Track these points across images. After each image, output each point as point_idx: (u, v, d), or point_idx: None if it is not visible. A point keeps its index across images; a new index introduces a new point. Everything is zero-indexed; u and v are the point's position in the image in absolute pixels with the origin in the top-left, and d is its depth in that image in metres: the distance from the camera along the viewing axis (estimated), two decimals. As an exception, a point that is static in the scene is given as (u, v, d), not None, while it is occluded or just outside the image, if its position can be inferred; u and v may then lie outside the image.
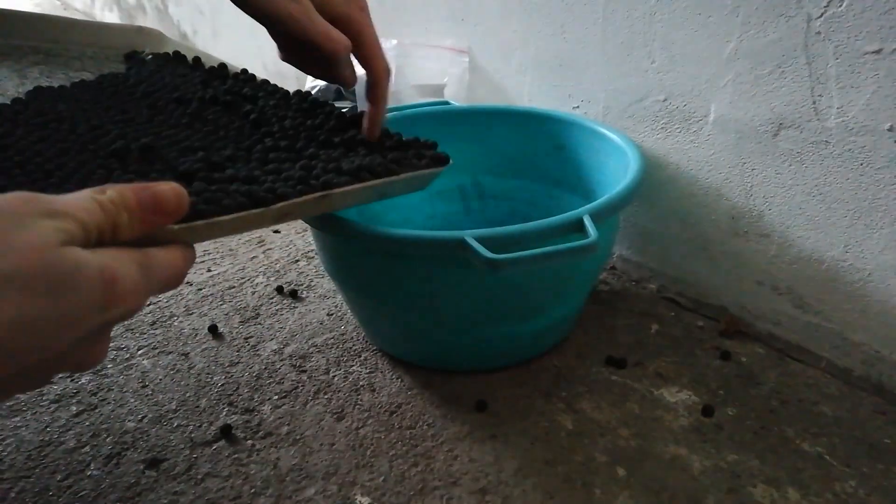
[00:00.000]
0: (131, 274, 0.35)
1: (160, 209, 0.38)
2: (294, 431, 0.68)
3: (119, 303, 0.35)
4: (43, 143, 0.52)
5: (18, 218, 0.31)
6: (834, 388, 0.71)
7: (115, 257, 0.35)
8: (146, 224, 0.38)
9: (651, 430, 0.66)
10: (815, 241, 0.70)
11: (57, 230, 0.32)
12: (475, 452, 0.64)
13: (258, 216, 0.47)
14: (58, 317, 0.32)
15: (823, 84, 0.64)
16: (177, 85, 0.65)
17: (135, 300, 0.36)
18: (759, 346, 0.78)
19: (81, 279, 0.32)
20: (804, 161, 0.68)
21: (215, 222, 0.44)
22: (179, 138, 0.56)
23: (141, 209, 0.37)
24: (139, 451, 0.67)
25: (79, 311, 0.33)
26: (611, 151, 0.80)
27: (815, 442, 0.64)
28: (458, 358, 0.75)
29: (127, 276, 0.35)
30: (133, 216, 0.37)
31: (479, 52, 1.04)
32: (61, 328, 0.32)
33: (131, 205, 0.37)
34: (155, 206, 0.38)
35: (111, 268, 0.34)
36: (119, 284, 0.34)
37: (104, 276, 0.33)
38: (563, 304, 0.73)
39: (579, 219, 0.59)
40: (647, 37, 0.78)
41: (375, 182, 0.56)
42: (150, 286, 0.37)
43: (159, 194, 0.38)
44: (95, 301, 0.33)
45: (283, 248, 1.06)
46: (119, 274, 0.34)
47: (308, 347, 0.81)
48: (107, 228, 0.36)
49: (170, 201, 0.38)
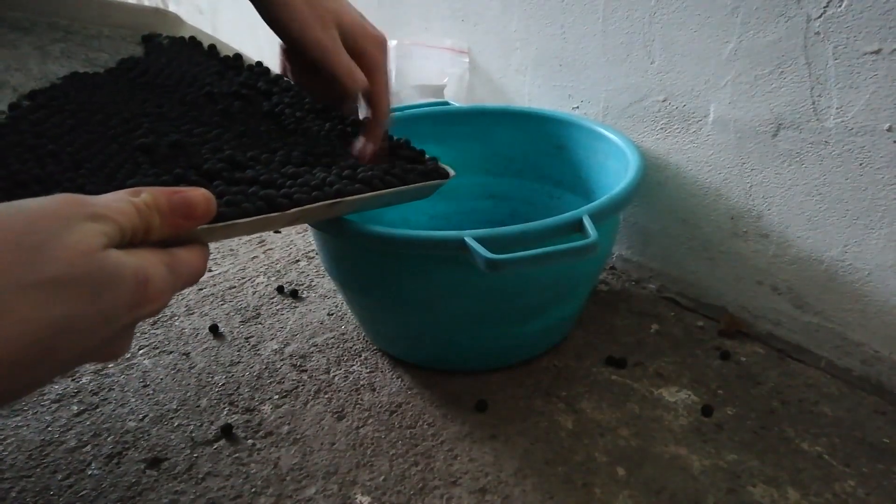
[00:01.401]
0: (161, 274, 0.37)
1: (191, 214, 0.40)
2: (294, 431, 0.68)
3: (150, 302, 0.37)
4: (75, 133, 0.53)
5: (66, 221, 0.33)
6: (834, 387, 0.71)
7: (147, 259, 0.37)
8: (175, 227, 0.40)
9: (651, 430, 0.66)
10: (814, 241, 0.70)
11: (100, 233, 0.34)
12: (475, 452, 0.64)
13: (273, 220, 0.49)
14: (97, 316, 0.34)
15: (823, 84, 0.64)
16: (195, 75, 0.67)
17: (163, 299, 0.38)
18: (758, 346, 0.78)
19: (120, 281, 0.34)
20: (804, 161, 0.68)
21: (233, 224, 0.46)
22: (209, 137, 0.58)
23: (172, 213, 0.39)
24: (140, 451, 0.67)
25: (115, 311, 0.35)
26: (610, 152, 0.80)
27: (814, 442, 0.64)
28: (458, 358, 0.75)
29: (157, 276, 0.37)
30: (164, 219, 0.39)
31: (479, 52, 1.04)
32: (98, 326, 0.34)
33: (164, 209, 0.39)
34: (186, 211, 0.40)
35: (144, 269, 0.36)
36: (151, 285, 0.36)
37: (138, 278, 0.35)
38: (563, 304, 0.73)
39: (579, 219, 0.59)
40: (646, 37, 0.78)
41: (385, 192, 0.59)
42: (175, 285, 0.39)
43: (191, 200, 0.40)
44: (130, 300, 0.35)
45: (284, 248, 1.06)
46: (151, 275, 0.36)
47: (308, 347, 0.81)
48: (140, 230, 0.37)
49: (199, 207, 0.40)
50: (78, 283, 0.32)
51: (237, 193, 0.49)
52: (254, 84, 0.69)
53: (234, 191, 0.50)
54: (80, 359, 0.36)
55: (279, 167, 0.56)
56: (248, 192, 0.50)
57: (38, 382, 0.35)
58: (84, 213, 0.34)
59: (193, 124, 0.59)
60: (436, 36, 1.11)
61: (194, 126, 0.59)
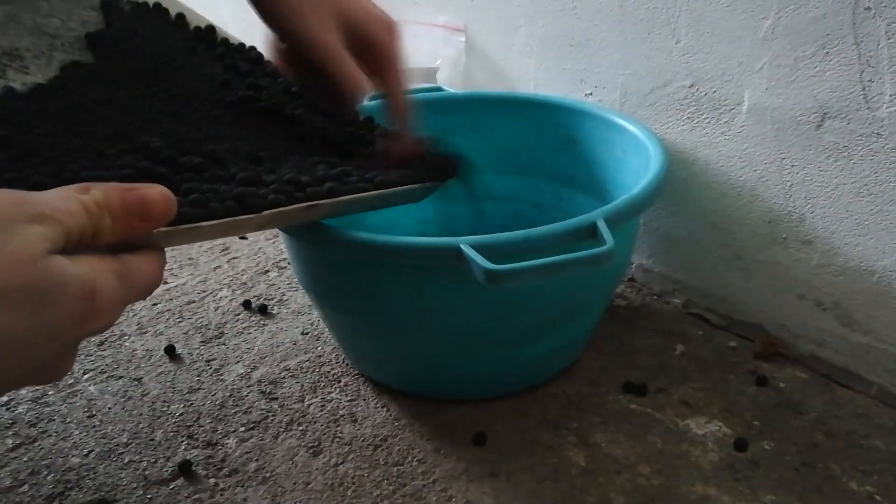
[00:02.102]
0: (111, 285, 0.37)
1: (147, 215, 0.39)
2: (263, 468, 0.68)
3: (98, 316, 0.36)
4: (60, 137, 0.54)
5: (5, 224, 0.32)
6: (887, 418, 0.71)
7: (95, 268, 0.36)
8: (129, 229, 0.39)
9: (676, 467, 0.66)
10: (864, 249, 0.70)
11: (43, 238, 0.33)
12: (472, 493, 0.64)
13: (243, 223, 0.49)
14: (38, 332, 0.33)
15: (874, 68, 0.64)
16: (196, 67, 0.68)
17: (113, 313, 0.37)
18: (800, 370, 0.78)
19: (64, 293, 0.34)
20: (852, 156, 0.68)
21: (198, 227, 0.45)
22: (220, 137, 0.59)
23: (126, 214, 0.38)
24: (85, 491, 0.66)
25: (58, 326, 0.34)
26: (629, 145, 0.80)
27: (865, 480, 0.64)
28: (452, 384, 0.75)
29: (107, 287, 0.36)
30: (117, 220, 0.38)
31: (478, 30, 1.04)
32: (40, 344, 0.34)
33: (116, 208, 0.38)
34: (141, 211, 0.39)
35: (92, 280, 0.35)
36: (99, 297, 0.36)
37: (84, 289, 0.35)
38: (574, 322, 0.73)
39: (593, 223, 0.59)
40: (670, 12, 0.78)
41: (368, 195, 0.59)
42: (127, 297, 0.39)
43: (147, 198, 0.39)
44: (75, 315, 0.35)
45: (251, 257, 1.06)
46: (99, 287, 0.36)
47: (280, 371, 0.81)
48: (88, 232, 0.37)
49: (157, 206, 0.40)
50: (18, 295, 0.32)
51: (207, 192, 0.49)
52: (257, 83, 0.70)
53: (204, 188, 0.49)
54: (16, 382, 0.36)
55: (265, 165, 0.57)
56: (220, 189, 0.50)
57: None
58: (25, 213, 0.33)
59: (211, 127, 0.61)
60: (427, 12, 1.11)
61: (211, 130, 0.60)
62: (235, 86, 0.68)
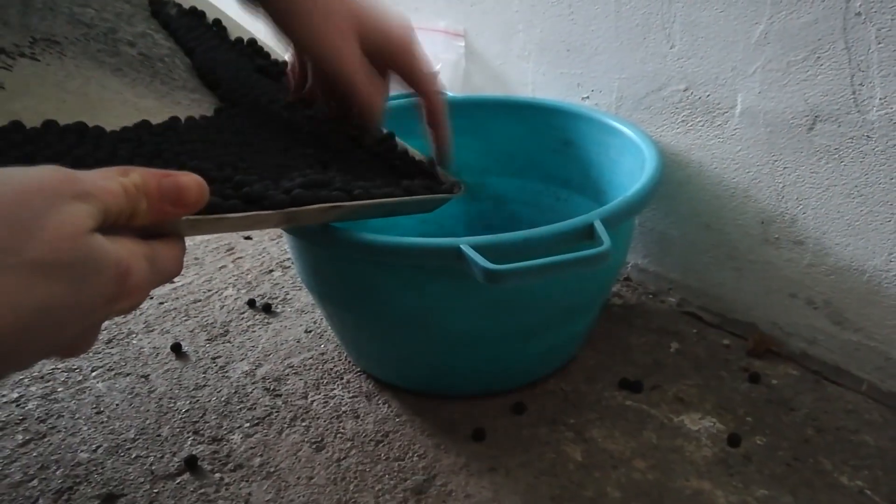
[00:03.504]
0: (142, 269, 0.38)
1: (181, 200, 0.40)
2: (268, 463, 0.68)
3: (128, 296, 0.37)
4: None
5: (52, 199, 0.33)
6: (877, 414, 0.71)
7: (129, 250, 0.37)
8: (162, 214, 0.40)
9: (670, 461, 0.66)
10: (855, 249, 0.70)
11: (87, 216, 0.34)
12: (472, 487, 0.64)
13: (264, 217, 0.50)
14: (75, 307, 0.34)
15: (864, 72, 0.64)
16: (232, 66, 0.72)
17: (141, 295, 0.39)
18: (792, 368, 0.78)
19: (102, 270, 0.35)
20: (843, 158, 0.68)
21: (221, 218, 0.46)
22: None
23: (161, 198, 0.39)
24: (93, 486, 0.66)
25: (94, 302, 0.35)
26: (625, 148, 0.80)
27: (855, 475, 0.64)
28: (452, 381, 0.75)
29: (138, 271, 0.37)
30: (152, 204, 0.39)
31: (477, 34, 1.04)
32: (75, 318, 0.35)
33: (153, 192, 0.39)
34: (176, 197, 0.40)
35: (126, 261, 0.36)
36: (130, 279, 0.37)
37: (119, 270, 0.36)
38: (571, 320, 0.73)
39: (589, 224, 0.59)
40: (665, 18, 0.78)
41: (386, 201, 0.61)
42: (153, 281, 0.40)
43: (182, 185, 0.40)
44: (108, 294, 0.36)
45: (256, 257, 1.06)
46: (132, 269, 0.37)
47: (283, 369, 0.81)
48: (125, 213, 0.38)
49: (191, 193, 0.41)
50: (61, 269, 0.33)
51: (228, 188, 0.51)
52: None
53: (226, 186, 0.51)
54: (47, 353, 0.36)
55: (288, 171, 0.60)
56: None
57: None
58: (72, 190, 0.34)
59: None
60: (428, 17, 1.11)
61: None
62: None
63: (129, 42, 0.65)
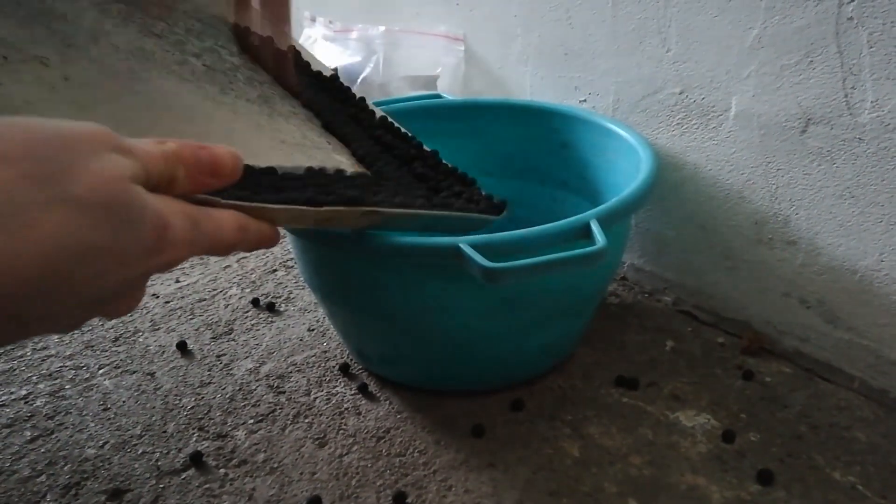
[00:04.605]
0: (181, 224, 0.38)
1: (216, 171, 0.41)
2: (271, 459, 0.68)
3: (166, 250, 0.38)
4: None
5: (94, 147, 0.34)
6: (868, 410, 0.71)
7: (168, 205, 0.38)
8: (199, 184, 0.41)
9: (666, 457, 0.66)
10: (847, 249, 0.70)
11: (127, 166, 0.35)
12: (471, 482, 0.64)
13: (301, 213, 0.51)
14: (115, 251, 0.35)
15: (856, 75, 0.64)
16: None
17: (179, 251, 0.39)
18: (785, 365, 0.78)
19: (140, 219, 0.35)
20: (835, 160, 0.68)
21: (261, 208, 0.47)
22: None
23: (197, 167, 0.40)
24: (100, 481, 0.66)
25: (133, 250, 0.36)
26: (621, 150, 0.80)
27: (847, 471, 0.64)
28: (452, 378, 0.75)
29: (177, 225, 0.38)
30: (189, 172, 0.40)
31: (476, 39, 1.04)
32: (115, 264, 0.35)
33: (189, 161, 0.40)
34: (212, 168, 0.41)
35: (165, 214, 0.37)
36: (169, 233, 0.37)
37: (158, 222, 0.37)
38: (568, 318, 0.73)
39: (586, 224, 0.59)
40: (661, 22, 0.78)
41: (425, 212, 0.61)
42: (196, 241, 0.40)
43: (217, 156, 0.41)
44: (147, 245, 0.36)
45: (260, 257, 1.06)
46: (171, 223, 0.37)
47: (287, 366, 0.81)
48: (165, 178, 0.39)
49: (226, 164, 0.42)
50: (101, 209, 0.33)
51: None
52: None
53: None
54: (91, 305, 0.37)
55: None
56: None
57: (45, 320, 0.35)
58: (112, 143, 0.35)
59: None
60: (428, 22, 1.11)
61: None
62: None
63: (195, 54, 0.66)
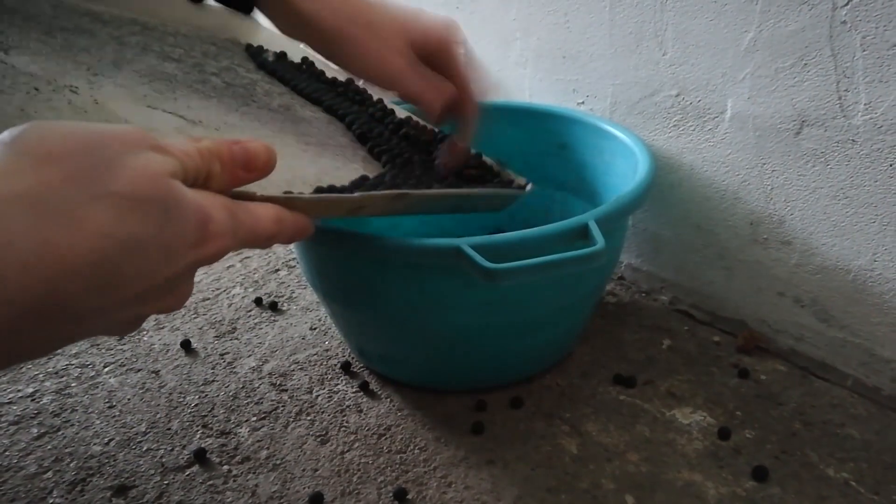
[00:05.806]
0: (222, 217, 0.39)
1: (251, 165, 0.42)
2: (274, 456, 0.68)
3: (210, 243, 0.39)
4: None
5: (133, 146, 0.35)
6: (861, 408, 0.71)
7: (208, 199, 0.39)
8: (235, 178, 0.42)
9: (663, 454, 0.66)
10: (840, 249, 0.70)
11: (166, 163, 0.36)
12: (471, 479, 0.64)
13: (335, 203, 0.52)
14: (160, 244, 0.35)
15: (850, 78, 0.64)
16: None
17: (221, 243, 0.40)
18: (780, 364, 0.78)
19: (183, 213, 0.36)
20: (829, 162, 0.68)
21: (294, 198, 0.47)
22: None
23: (232, 163, 0.41)
24: (105, 478, 0.66)
25: (178, 244, 0.37)
26: (618, 151, 0.80)
27: (841, 467, 0.64)
28: (452, 376, 0.75)
29: (218, 218, 0.39)
30: (225, 168, 0.41)
31: (475, 42, 1.04)
32: (161, 259, 0.36)
33: (224, 157, 0.41)
34: (246, 162, 0.42)
35: (206, 207, 0.38)
36: (212, 224, 0.38)
37: (200, 215, 0.38)
38: (566, 317, 0.73)
39: (584, 225, 0.59)
40: (658, 26, 0.78)
41: (453, 191, 0.63)
42: (237, 233, 0.41)
43: (251, 150, 0.42)
44: (191, 238, 0.37)
45: (262, 257, 1.06)
46: (212, 216, 0.38)
47: (289, 364, 0.81)
48: (202, 174, 0.40)
49: (259, 158, 0.43)
50: (145, 204, 0.34)
51: None
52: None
53: None
54: (142, 300, 0.37)
55: None
56: None
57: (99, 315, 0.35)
58: (149, 143, 0.36)
59: None
60: (429, 25, 1.11)
61: None
62: None
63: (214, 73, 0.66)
